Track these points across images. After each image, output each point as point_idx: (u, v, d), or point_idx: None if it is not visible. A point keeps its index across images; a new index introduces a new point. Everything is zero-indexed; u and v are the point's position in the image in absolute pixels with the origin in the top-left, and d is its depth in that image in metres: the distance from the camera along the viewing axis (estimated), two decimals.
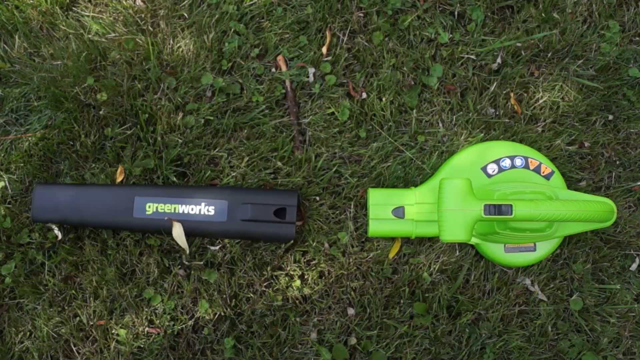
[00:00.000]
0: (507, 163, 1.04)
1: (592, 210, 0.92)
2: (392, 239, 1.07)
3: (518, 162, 1.04)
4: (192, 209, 1.01)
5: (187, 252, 1.04)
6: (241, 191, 1.03)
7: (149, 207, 1.01)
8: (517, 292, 1.07)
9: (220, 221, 1.01)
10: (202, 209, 1.01)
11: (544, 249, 1.04)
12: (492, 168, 1.04)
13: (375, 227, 1.02)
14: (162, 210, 1.01)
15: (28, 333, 1.04)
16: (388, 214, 1.02)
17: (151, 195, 1.01)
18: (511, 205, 0.88)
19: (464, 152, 1.06)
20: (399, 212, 1.01)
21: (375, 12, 1.14)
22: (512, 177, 1.03)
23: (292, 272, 1.06)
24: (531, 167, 1.04)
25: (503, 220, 0.93)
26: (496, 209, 0.88)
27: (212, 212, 1.01)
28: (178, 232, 1.02)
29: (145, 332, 1.04)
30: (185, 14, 1.13)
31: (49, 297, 1.04)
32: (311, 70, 1.12)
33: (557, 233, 1.01)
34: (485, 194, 1.01)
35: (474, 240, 1.03)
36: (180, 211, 1.01)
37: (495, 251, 1.04)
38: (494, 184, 1.03)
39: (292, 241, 1.03)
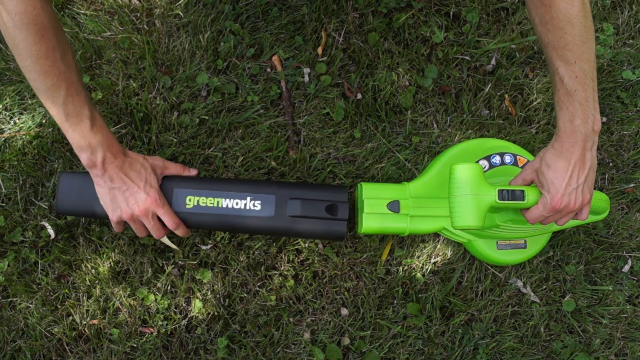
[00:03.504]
0: (497, 160, 1.05)
1: (596, 198, 0.92)
2: (384, 240, 1.07)
3: (507, 159, 1.05)
4: (237, 204, 0.93)
5: (179, 252, 1.04)
6: (289, 185, 0.97)
7: (190, 200, 0.93)
8: (509, 294, 1.07)
9: (267, 217, 0.94)
10: (248, 203, 0.94)
11: (534, 246, 1.05)
12: (483, 164, 1.04)
13: (369, 223, 0.98)
14: (204, 204, 0.93)
15: (21, 332, 1.04)
16: (383, 207, 0.98)
17: (192, 188, 0.93)
18: (524, 191, 0.85)
19: (456, 148, 1.06)
20: (394, 206, 0.98)
21: (370, 12, 1.14)
22: (501, 173, 1.04)
23: (285, 272, 1.06)
24: (520, 165, 1.05)
25: (516, 207, 0.90)
26: (510, 195, 0.85)
27: (258, 207, 0.93)
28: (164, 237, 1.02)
29: (139, 332, 1.04)
30: (181, 13, 1.13)
31: (42, 296, 1.04)
32: (306, 70, 1.12)
33: (554, 226, 1.01)
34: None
35: (465, 237, 1.03)
36: (224, 205, 0.93)
37: (488, 249, 1.04)
38: None
39: (343, 239, 0.98)
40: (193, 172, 0.94)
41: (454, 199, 0.87)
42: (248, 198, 0.94)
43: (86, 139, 0.79)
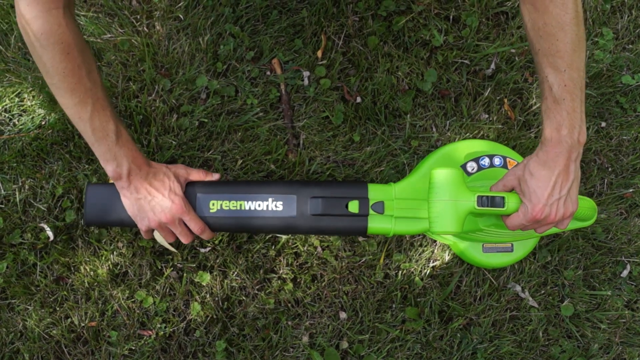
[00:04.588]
0: (486, 162, 1.04)
1: (581, 206, 0.90)
2: (383, 244, 1.07)
3: (497, 161, 1.04)
4: (259, 205, 0.94)
5: (178, 255, 1.04)
6: (310, 184, 0.97)
7: (213, 204, 0.93)
8: (508, 298, 1.07)
9: (289, 217, 0.94)
10: (270, 204, 0.94)
11: (521, 249, 1.04)
12: (471, 166, 1.04)
13: None
14: (227, 208, 0.93)
15: (19, 334, 1.04)
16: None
17: (215, 192, 0.94)
18: (504, 197, 0.85)
19: (444, 149, 1.06)
20: (378, 207, 0.97)
21: (370, 16, 1.15)
22: (490, 175, 1.03)
23: (284, 276, 1.06)
24: (509, 167, 1.04)
25: (495, 214, 0.89)
26: (489, 201, 0.85)
27: (280, 208, 0.94)
28: (160, 239, 1.02)
29: (137, 334, 1.04)
30: (181, 16, 1.13)
31: (40, 298, 1.04)
32: (306, 73, 1.12)
33: (548, 231, 1.00)
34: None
35: (450, 239, 1.03)
36: (247, 207, 0.93)
37: (473, 251, 1.03)
38: (472, 182, 1.02)
39: (365, 235, 0.97)
40: (215, 176, 0.95)
41: (432, 204, 0.88)
42: (270, 199, 0.94)
43: (112, 152, 0.81)
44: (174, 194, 0.87)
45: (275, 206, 0.94)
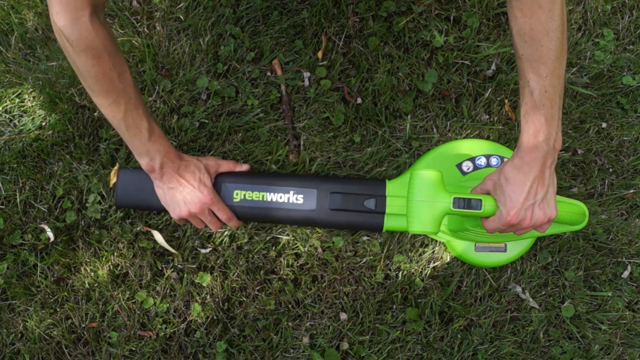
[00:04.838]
0: (482, 161, 1.04)
1: (562, 210, 0.91)
2: (384, 245, 1.07)
3: (494, 161, 1.04)
4: (281, 197, 0.99)
5: (179, 255, 1.04)
6: (330, 180, 1.01)
7: (237, 194, 0.99)
8: (508, 299, 1.07)
9: (309, 209, 0.99)
10: (291, 197, 0.99)
11: (515, 250, 1.04)
12: (467, 165, 1.04)
13: None
14: (250, 198, 0.99)
15: (19, 335, 1.04)
16: None
17: (239, 182, 0.99)
18: (481, 200, 0.85)
19: (440, 148, 1.06)
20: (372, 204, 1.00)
21: (370, 16, 1.14)
22: (485, 175, 1.02)
23: (285, 276, 1.06)
24: None
25: (472, 216, 0.89)
26: (465, 203, 0.86)
27: (301, 201, 0.99)
28: (160, 239, 1.03)
29: (138, 335, 1.04)
30: (181, 17, 1.13)
31: (41, 299, 1.04)
32: (306, 74, 1.12)
33: (528, 234, 1.00)
34: (458, 191, 1.00)
35: (444, 237, 1.03)
36: (269, 199, 0.99)
37: (466, 249, 1.03)
38: (467, 181, 1.02)
39: (381, 231, 1.00)
40: (245, 167, 1.00)
41: (410, 204, 0.89)
42: (291, 192, 0.99)
43: (145, 147, 0.86)
44: (203, 185, 0.92)
45: (296, 199, 0.99)
